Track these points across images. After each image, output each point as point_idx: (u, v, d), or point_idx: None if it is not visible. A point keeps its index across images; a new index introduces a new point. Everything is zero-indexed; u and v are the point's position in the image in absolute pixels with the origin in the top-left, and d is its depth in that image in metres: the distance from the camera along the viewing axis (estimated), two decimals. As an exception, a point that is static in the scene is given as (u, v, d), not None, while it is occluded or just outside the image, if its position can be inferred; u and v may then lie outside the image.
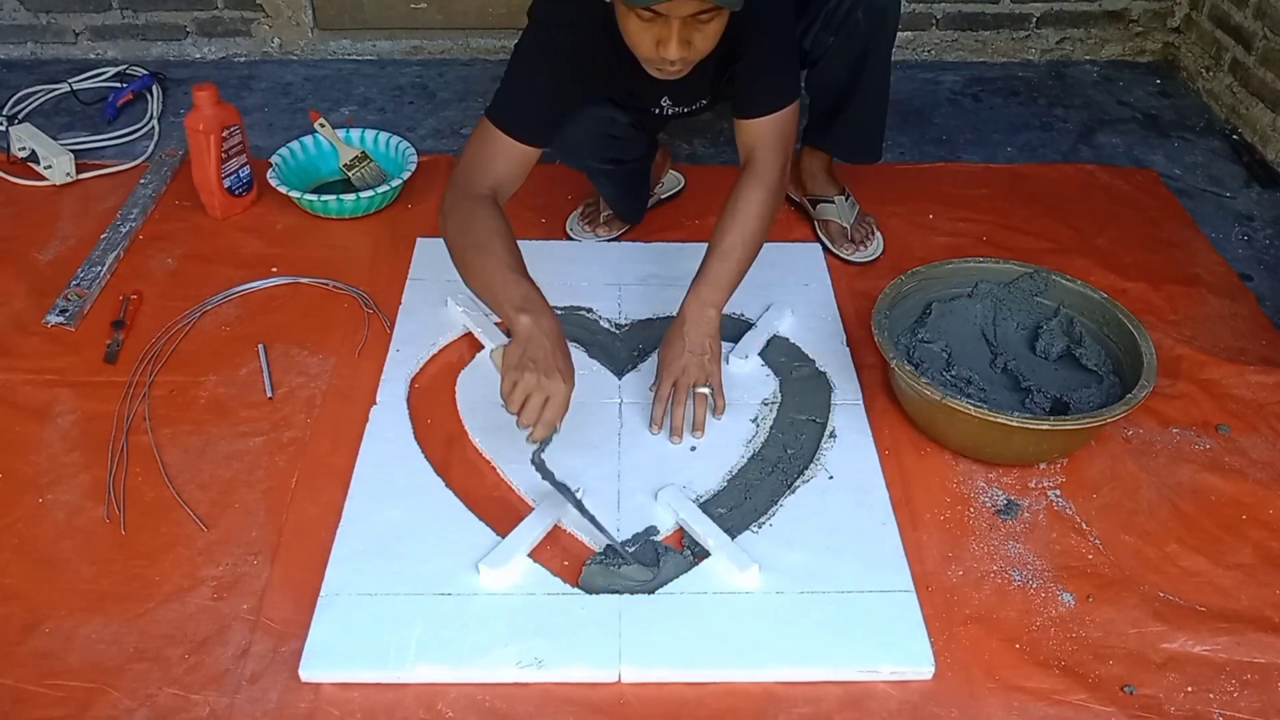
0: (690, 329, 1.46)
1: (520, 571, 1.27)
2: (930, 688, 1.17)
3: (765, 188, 1.48)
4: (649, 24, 1.25)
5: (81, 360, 1.60)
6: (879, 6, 1.60)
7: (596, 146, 1.64)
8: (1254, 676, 1.19)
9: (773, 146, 1.49)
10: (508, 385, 1.26)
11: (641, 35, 1.28)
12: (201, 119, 1.84)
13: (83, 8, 2.49)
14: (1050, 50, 2.63)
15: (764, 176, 1.48)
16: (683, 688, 1.17)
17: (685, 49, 1.27)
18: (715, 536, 1.29)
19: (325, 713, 1.13)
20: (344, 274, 1.78)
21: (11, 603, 1.25)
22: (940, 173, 2.14)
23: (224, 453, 1.45)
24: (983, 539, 1.35)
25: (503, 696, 1.15)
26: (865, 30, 1.61)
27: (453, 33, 2.59)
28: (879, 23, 1.62)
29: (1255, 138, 2.26)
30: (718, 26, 1.28)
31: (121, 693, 1.15)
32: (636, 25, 1.26)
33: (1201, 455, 1.47)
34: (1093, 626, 1.24)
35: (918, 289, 1.57)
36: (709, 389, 1.47)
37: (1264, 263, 1.90)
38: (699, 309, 1.46)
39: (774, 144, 1.49)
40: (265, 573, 1.28)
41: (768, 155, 1.49)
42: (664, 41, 1.26)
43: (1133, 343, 1.45)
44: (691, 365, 1.46)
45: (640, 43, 1.29)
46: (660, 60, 1.29)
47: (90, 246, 1.83)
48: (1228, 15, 2.37)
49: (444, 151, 2.16)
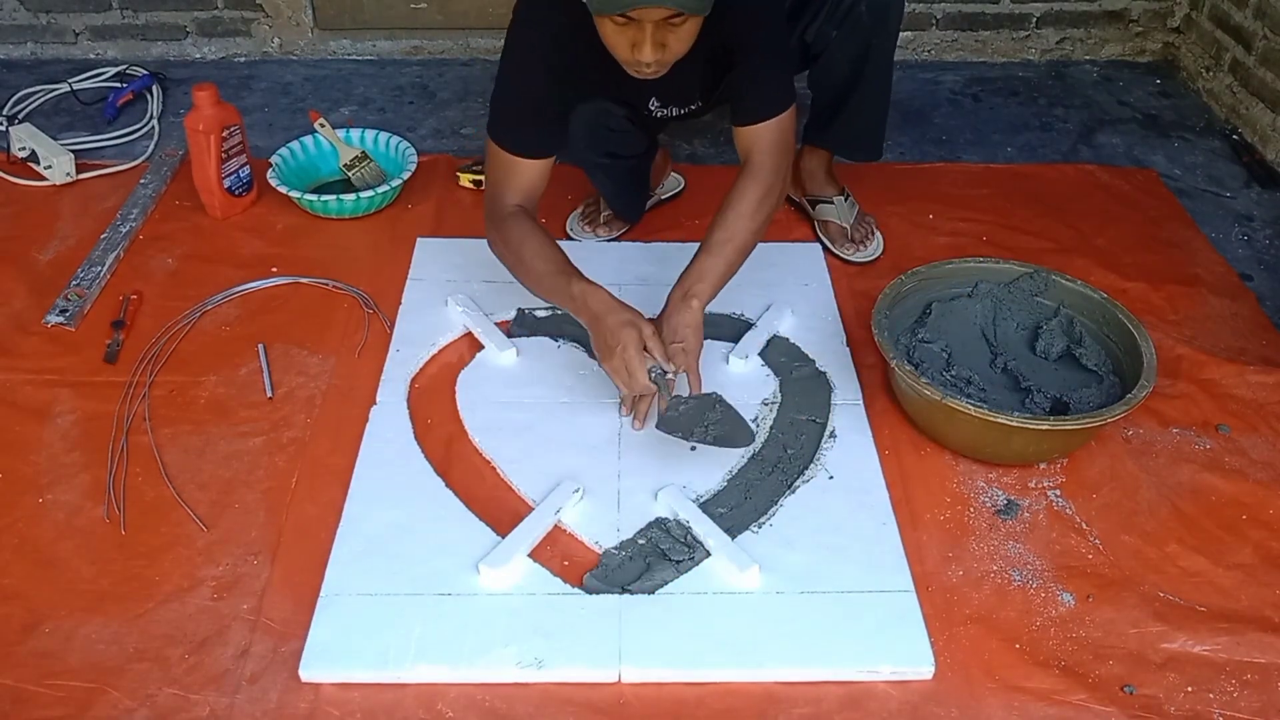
0: (668, 316, 1.44)
1: (520, 571, 1.27)
2: (930, 688, 1.17)
3: (761, 187, 1.48)
4: (623, 28, 1.29)
5: (81, 360, 1.60)
6: (882, 4, 1.61)
7: (593, 141, 1.64)
8: (1254, 676, 1.19)
9: (770, 150, 1.49)
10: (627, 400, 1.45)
11: (617, 39, 1.31)
12: (201, 119, 1.84)
13: (83, 8, 2.49)
14: (1050, 50, 2.63)
15: (760, 177, 1.48)
16: (683, 688, 1.17)
17: (660, 51, 1.30)
18: (715, 536, 1.29)
19: (325, 713, 1.13)
20: (344, 274, 1.78)
21: (11, 603, 1.25)
22: (940, 173, 2.14)
23: (224, 453, 1.45)
24: (983, 539, 1.35)
25: (503, 696, 1.15)
26: (868, 24, 1.61)
27: (453, 33, 2.59)
28: (882, 17, 1.62)
29: (1255, 138, 2.26)
30: (691, 28, 1.31)
31: (121, 693, 1.15)
32: (611, 29, 1.30)
33: (1201, 455, 1.47)
34: (1093, 626, 1.24)
35: (918, 289, 1.57)
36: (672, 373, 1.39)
37: (1264, 263, 1.90)
38: (682, 301, 1.44)
39: (771, 147, 1.50)
40: (265, 573, 1.28)
41: (764, 158, 1.49)
42: (638, 44, 1.30)
43: (1133, 343, 1.45)
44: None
45: (616, 45, 1.33)
46: (636, 63, 1.33)
47: (90, 246, 1.83)
48: (1228, 15, 2.37)
49: (444, 151, 2.16)
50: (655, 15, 1.25)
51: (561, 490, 1.35)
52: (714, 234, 1.47)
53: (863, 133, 1.81)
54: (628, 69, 1.36)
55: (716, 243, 1.46)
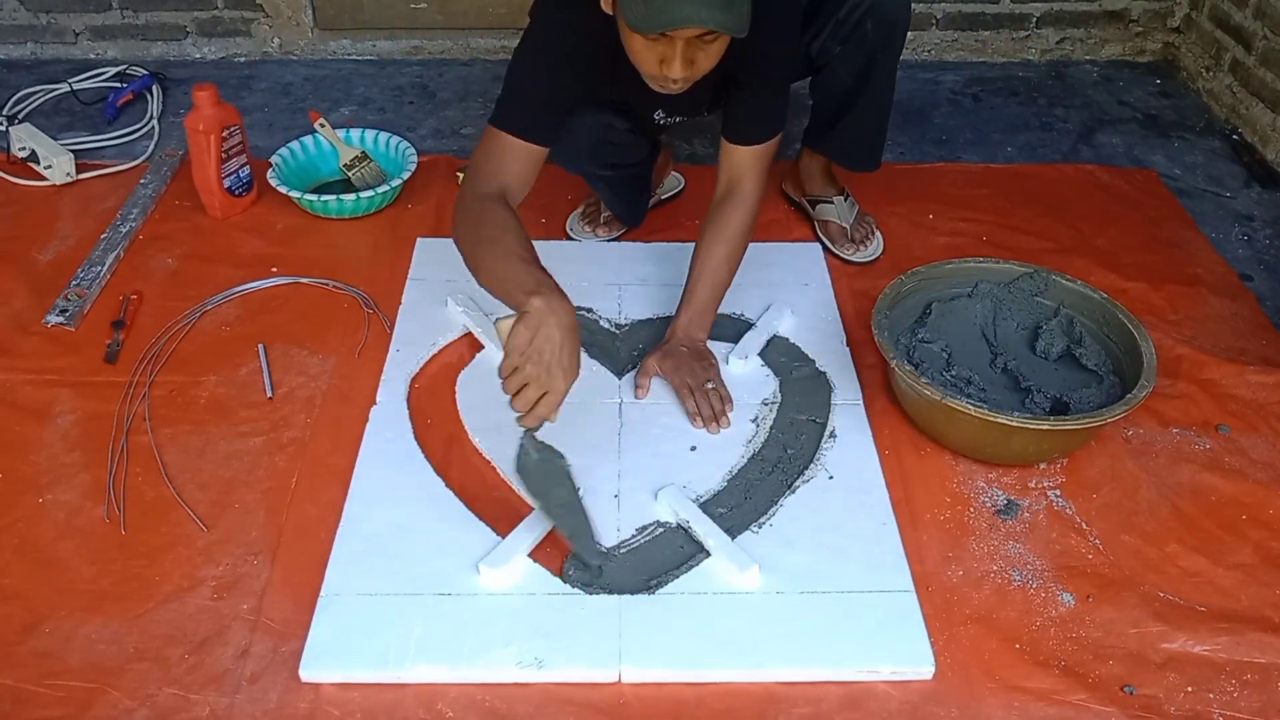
0: (686, 342, 1.55)
1: (520, 571, 1.27)
2: (930, 688, 1.17)
3: (749, 213, 1.56)
4: (654, 43, 1.26)
5: (81, 360, 1.60)
6: (889, 19, 1.60)
7: (595, 154, 1.65)
8: (1254, 676, 1.19)
9: (757, 176, 1.56)
10: (508, 367, 1.21)
11: (646, 54, 1.28)
12: (201, 119, 1.84)
13: (83, 8, 2.49)
14: (1050, 50, 2.63)
15: (748, 203, 1.56)
16: (683, 688, 1.17)
17: (689, 68, 1.28)
18: (715, 536, 1.29)
19: (325, 713, 1.13)
20: (344, 274, 1.78)
21: (11, 603, 1.25)
22: (940, 173, 2.14)
23: (224, 453, 1.45)
24: (983, 539, 1.35)
25: (503, 696, 1.15)
26: (874, 40, 1.62)
27: (453, 33, 2.59)
28: (888, 34, 1.62)
29: (1255, 138, 2.26)
30: (720, 46, 1.29)
31: (121, 693, 1.15)
32: (641, 44, 1.27)
33: (1201, 455, 1.47)
34: (1093, 626, 1.24)
35: (918, 289, 1.57)
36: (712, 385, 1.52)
37: (1264, 263, 1.90)
38: (688, 333, 1.56)
39: (758, 173, 1.56)
40: (265, 573, 1.28)
41: (752, 185, 1.56)
42: (668, 61, 1.27)
43: (1133, 343, 1.45)
44: (698, 369, 1.52)
45: (644, 61, 1.30)
46: (663, 79, 1.30)
47: (90, 246, 1.83)
48: (1228, 15, 2.37)
49: (444, 151, 2.16)
50: (689, 33, 1.22)
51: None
52: (709, 261, 1.56)
53: (861, 144, 1.81)
54: (651, 83, 1.34)
55: (713, 270, 1.56)
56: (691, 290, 1.56)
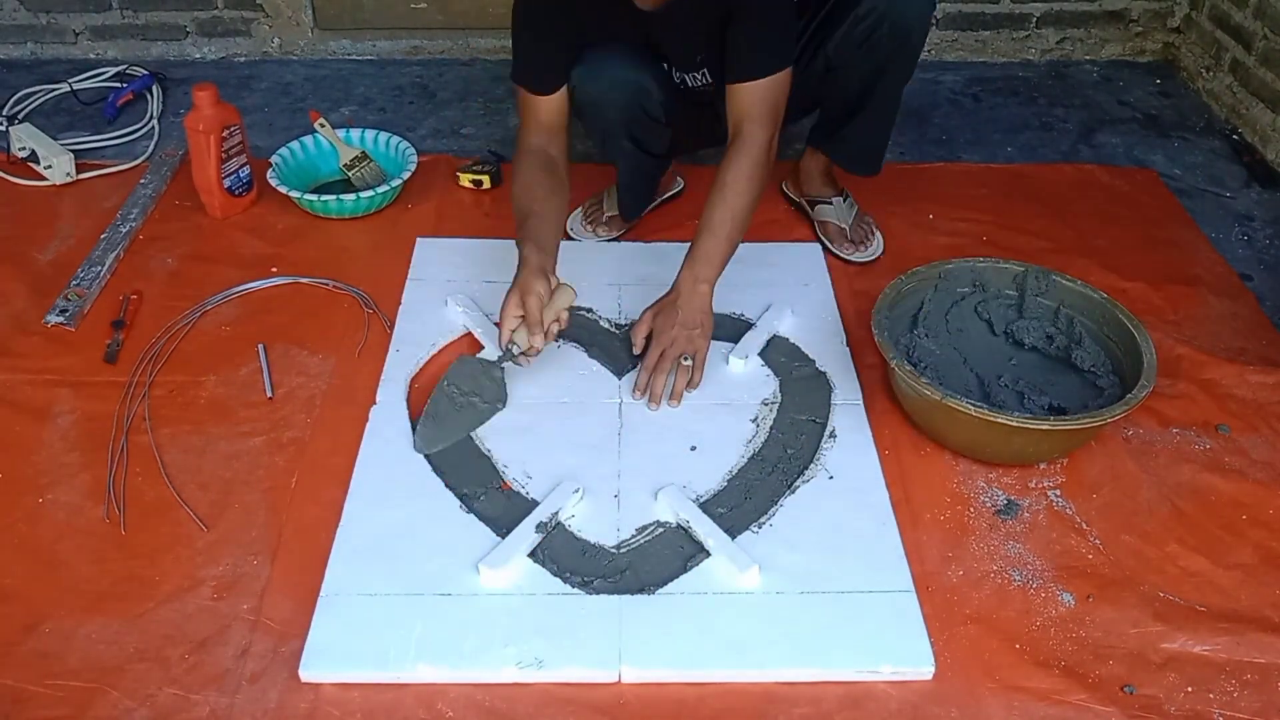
0: (684, 303, 1.52)
1: (520, 571, 1.27)
2: (930, 688, 1.17)
3: (752, 161, 1.50)
4: None
5: (81, 360, 1.60)
6: (905, 28, 1.60)
7: (628, 116, 1.64)
8: (1254, 676, 1.19)
9: (760, 119, 1.50)
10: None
11: None
12: (201, 119, 1.84)
13: (83, 8, 2.49)
14: (1050, 50, 2.63)
15: (751, 150, 1.50)
16: (683, 688, 1.17)
17: None
18: (715, 536, 1.29)
19: (325, 713, 1.13)
20: (344, 274, 1.78)
21: (11, 603, 1.25)
22: (940, 173, 2.14)
23: (224, 453, 1.45)
24: (983, 539, 1.35)
25: (503, 696, 1.15)
26: (887, 49, 1.61)
27: (453, 33, 2.59)
28: (902, 44, 1.62)
29: (1255, 138, 2.26)
30: None
31: (121, 693, 1.15)
32: None
33: (1201, 455, 1.47)
34: (1093, 626, 1.24)
35: (918, 289, 1.57)
36: (691, 361, 1.52)
37: (1264, 263, 1.90)
38: (692, 284, 1.51)
39: (761, 116, 1.50)
40: (265, 573, 1.28)
41: (755, 129, 1.50)
42: None
43: (1133, 343, 1.45)
44: (681, 338, 1.51)
45: None
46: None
47: (90, 246, 1.83)
48: (1228, 15, 2.37)
49: (444, 151, 2.16)
50: None
51: (561, 490, 1.35)
52: (714, 213, 1.51)
53: (864, 148, 1.81)
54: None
55: (718, 222, 1.51)
56: (695, 239, 1.53)
